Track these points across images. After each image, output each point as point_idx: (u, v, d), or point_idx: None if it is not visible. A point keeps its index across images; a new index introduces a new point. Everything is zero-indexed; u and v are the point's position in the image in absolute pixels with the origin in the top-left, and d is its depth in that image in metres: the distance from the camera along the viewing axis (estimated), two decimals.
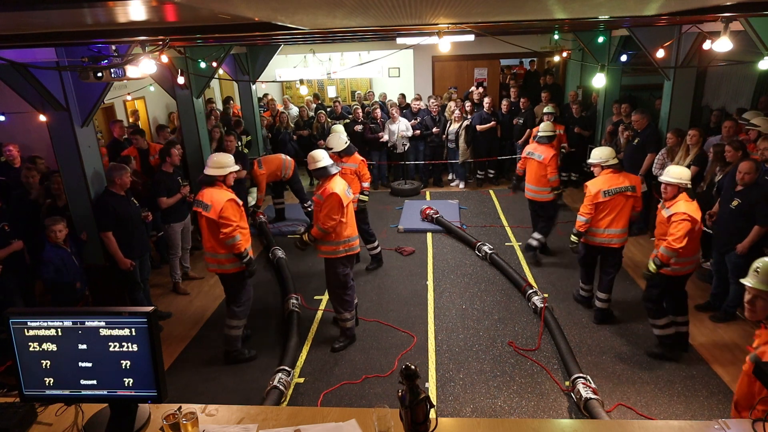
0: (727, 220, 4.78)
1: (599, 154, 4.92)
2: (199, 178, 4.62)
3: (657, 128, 7.09)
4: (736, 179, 4.70)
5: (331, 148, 5.86)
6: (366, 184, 6.15)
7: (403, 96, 10.34)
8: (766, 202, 4.55)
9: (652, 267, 4.21)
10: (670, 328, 4.45)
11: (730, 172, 4.98)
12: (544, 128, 6.19)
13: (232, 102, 10.63)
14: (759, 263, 2.46)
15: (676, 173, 4.17)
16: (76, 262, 4.72)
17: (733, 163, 5.09)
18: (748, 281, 2.46)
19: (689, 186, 4.17)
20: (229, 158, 4.48)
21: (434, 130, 9.50)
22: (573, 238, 5.03)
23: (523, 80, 12.40)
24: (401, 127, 9.29)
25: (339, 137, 6.04)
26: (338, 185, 4.60)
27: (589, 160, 5.04)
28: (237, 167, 4.52)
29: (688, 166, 5.83)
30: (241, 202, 4.44)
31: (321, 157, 4.65)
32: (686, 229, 4.01)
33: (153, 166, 6.81)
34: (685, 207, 4.05)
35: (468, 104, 9.56)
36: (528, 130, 9.04)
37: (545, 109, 8.02)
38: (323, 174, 4.65)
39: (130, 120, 9.67)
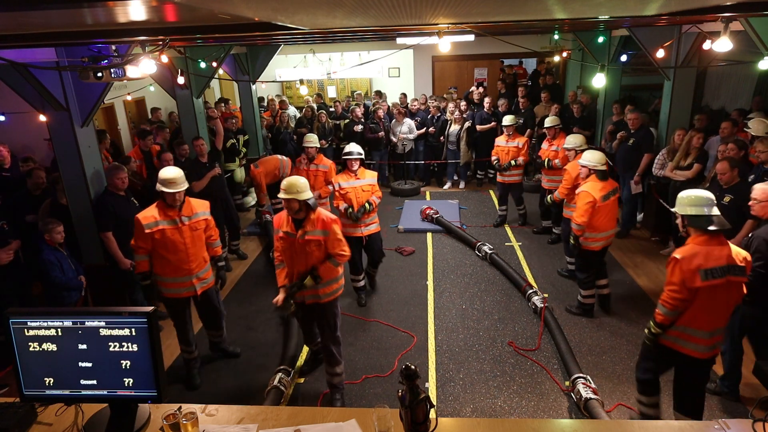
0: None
1: (573, 140, 5.76)
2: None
3: (650, 129, 7.06)
4: (718, 179, 4.76)
5: (350, 152, 5.37)
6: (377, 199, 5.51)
7: (404, 95, 10.32)
8: None
9: (571, 240, 4.99)
10: (592, 299, 5.24)
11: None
12: (551, 121, 6.98)
13: (227, 103, 10.54)
14: (680, 195, 3.26)
15: (588, 157, 4.94)
16: (73, 265, 4.71)
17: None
18: (676, 209, 3.24)
19: (599, 168, 4.86)
20: (177, 175, 3.95)
21: (430, 129, 9.49)
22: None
23: (531, 80, 12.41)
24: (403, 129, 9.28)
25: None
26: (326, 211, 3.92)
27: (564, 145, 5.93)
28: (178, 189, 3.94)
29: (690, 166, 5.85)
30: (145, 222, 3.91)
31: (307, 186, 3.73)
32: (586, 204, 4.73)
33: (157, 167, 6.82)
34: (589, 186, 4.80)
35: (463, 104, 9.49)
36: (528, 130, 9.04)
37: (506, 121, 7.34)
38: (309, 207, 3.73)
39: (131, 120, 9.69)
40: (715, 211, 3.09)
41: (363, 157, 5.48)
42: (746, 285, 3.21)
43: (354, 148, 5.41)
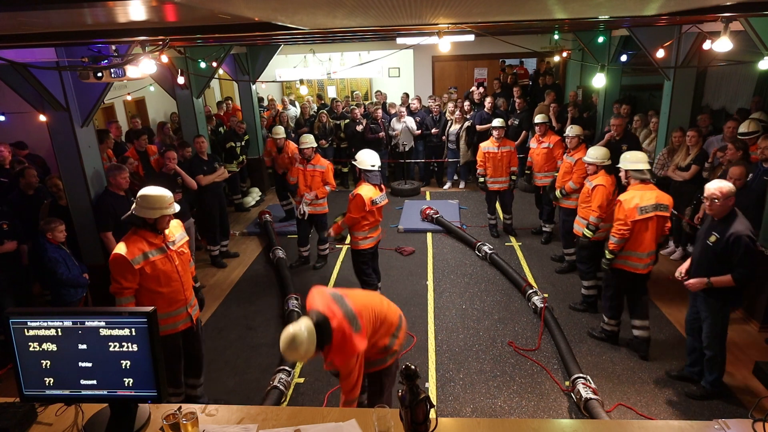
0: None
1: (594, 153, 5.24)
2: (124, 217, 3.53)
3: (633, 133, 6.96)
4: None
5: (369, 163, 4.85)
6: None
7: (406, 95, 10.31)
8: (755, 206, 4.56)
9: (588, 233, 5.04)
10: (593, 290, 5.39)
11: (724, 172, 4.95)
12: (541, 118, 7.02)
13: (227, 103, 10.52)
14: (623, 155, 4.50)
15: (594, 154, 5.12)
16: (76, 262, 4.74)
17: (733, 162, 5.09)
18: (620, 165, 4.47)
19: (606, 164, 5.09)
20: (166, 196, 3.39)
21: (433, 130, 9.49)
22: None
23: (531, 80, 12.42)
24: (406, 125, 9.26)
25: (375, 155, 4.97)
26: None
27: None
28: (175, 209, 3.45)
29: (688, 166, 5.85)
30: (132, 257, 3.30)
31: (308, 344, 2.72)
32: (603, 196, 4.92)
33: (154, 167, 6.82)
34: (603, 180, 5.00)
35: (467, 104, 9.52)
36: (524, 132, 9.04)
37: (496, 122, 7.06)
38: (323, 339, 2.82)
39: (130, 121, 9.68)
40: (647, 167, 4.37)
41: (356, 164, 4.92)
42: (736, 281, 3.58)
43: (358, 153, 4.99)
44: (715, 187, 3.60)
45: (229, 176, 7.78)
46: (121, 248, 3.33)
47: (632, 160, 4.41)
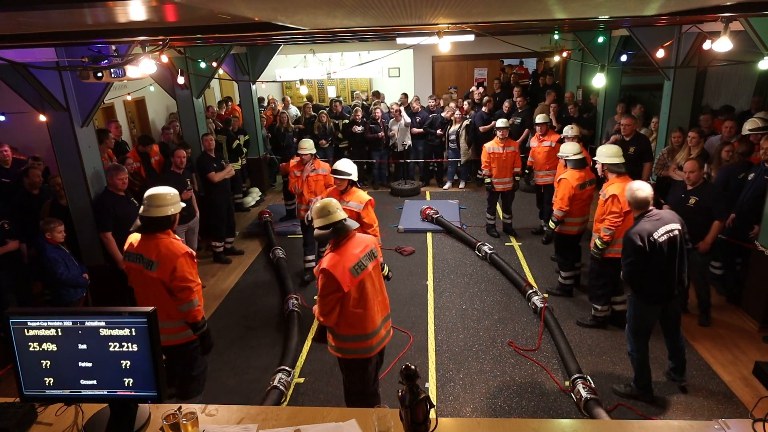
0: (686, 219, 4.73)
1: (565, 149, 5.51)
2: (132, 228, 3.50)
3: (644, 135, 6.95)
4: (685, 179, 4.76)
5: (348, 174, 4.66)
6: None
7: (405, 95, 10.32)
8: (720, 198, 4.65)
9: (551, 225, 5.40)
10: (570, 280, 5.67)
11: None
12: (542, 118, 7.11)
13: (229, 103, 10.54)
14: (600, 149, 4.83)
15: (563, 149, 5.44)
16: (76, 262, 4.74)
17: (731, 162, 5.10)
18: (597, 158, 4.75)
19: (571, 158, 5.26)
20: (171, 193, 3.40)
21: (438, 132, 9.48)
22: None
23: (531, 80, 12.42)
24: (402, 126, 9.26)
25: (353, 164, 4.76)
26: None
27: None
28: (182, 204, 3.51)
29: None
30: (194, 254, 3.44)
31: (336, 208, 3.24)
32: (565, 189, 5.17)
33: (155, 168, 6.82)
34: (568, 174, 5.24)
35: (466, 104, 9.51)
36: (526, 130, 9.05)
37: (500, 123, 7.04)
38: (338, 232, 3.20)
39: (131, 122, 9.69)
40: (623, 160, 4.64)
41: (351, 177, 4.68)
42: (626, 279, 3.77)
43: (339, 165, 4.72)
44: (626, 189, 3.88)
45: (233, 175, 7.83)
46: (184, 246, 3.37)
47: (609, 154, 4.65)
